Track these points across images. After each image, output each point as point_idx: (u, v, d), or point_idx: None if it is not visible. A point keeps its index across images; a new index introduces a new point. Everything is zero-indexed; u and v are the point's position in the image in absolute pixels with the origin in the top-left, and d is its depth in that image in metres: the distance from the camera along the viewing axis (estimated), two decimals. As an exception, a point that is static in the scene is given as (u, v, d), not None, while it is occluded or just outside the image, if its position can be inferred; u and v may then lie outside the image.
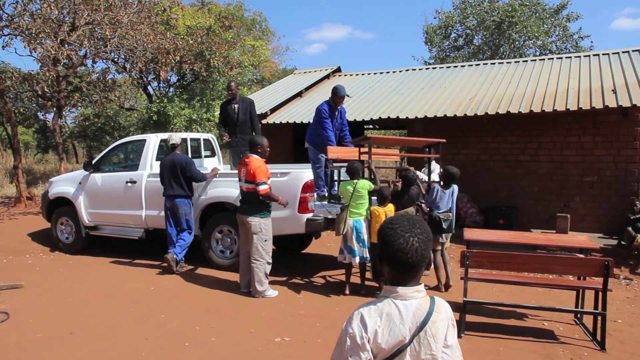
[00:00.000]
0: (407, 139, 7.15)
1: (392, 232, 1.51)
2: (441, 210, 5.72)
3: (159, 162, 6.73)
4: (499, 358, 3.98)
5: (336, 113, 6.80)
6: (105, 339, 4.23)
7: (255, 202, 5.33)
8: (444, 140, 6.53)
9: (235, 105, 7.30)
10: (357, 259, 5.43)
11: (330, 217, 6.01)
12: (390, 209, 5.47)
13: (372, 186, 5.50)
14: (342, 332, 1.52)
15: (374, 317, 1.48)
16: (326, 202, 6.68)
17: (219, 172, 6.71)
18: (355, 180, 5.49)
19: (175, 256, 6.28)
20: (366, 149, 6.15)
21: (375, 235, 1.71)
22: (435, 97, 10.12)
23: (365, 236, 5.45)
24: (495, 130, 9.26)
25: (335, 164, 6.74)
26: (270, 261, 5.54)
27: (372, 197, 5.71)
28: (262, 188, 5.22)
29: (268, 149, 5.55)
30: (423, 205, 5.96)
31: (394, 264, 1.51)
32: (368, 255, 5.45)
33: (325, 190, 6.87)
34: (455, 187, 5.86)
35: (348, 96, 6.94)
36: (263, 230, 5.37)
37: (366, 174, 6.28)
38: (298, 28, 67.06)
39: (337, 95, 6.64)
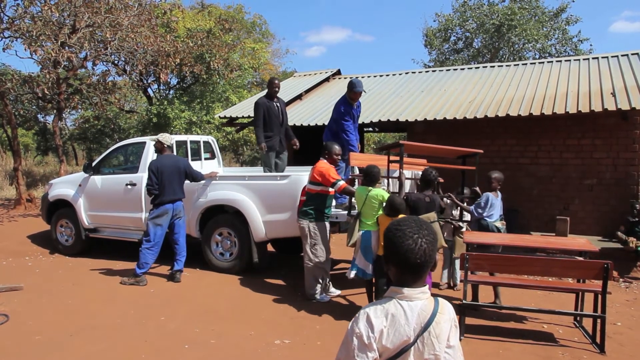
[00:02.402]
0: (440, 147, 6.35)
1: (400, 233, 1.52)
2: (494, 218, 5.27)
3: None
4: (499, 360, 3.99)
5: (353, 110, 6.11)
6: (105, 341, 4.23)
7: (306, 204, 5.28)
8: (482, 151, 6.06)
9: (277, 104, 6.68)
10: (353, 273, 4.84)
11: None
12: None
13: (386, 198, 4.80)
14: (348, 332, 1.53)
15: (380, 318, 1.50)
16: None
17: (218, 174, 6.70)
18: (370, 188, 4.94)
19: (181, 271, 6.23)
20: (393, 157, 5.57)
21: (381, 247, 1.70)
22: (435, 99, 10.13)
23: (373, 250, 4.81)
24: (495, 132, 9.28)
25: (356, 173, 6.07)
26: (322, 266, 5.34)
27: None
28: (340, 184, 5.11)
29: (336, 157, 5.31)
30: (456, 222, 5.69)
31: (401, 265, 1.53)
32: (370, 272, 4.81)
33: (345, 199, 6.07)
34: (499, 193, 5.51)
35: (364, 92, 6.23)
36: (311, 234, 5.26)
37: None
38: (298, 30, 67.30)
39: (353, 91, 5.97)
